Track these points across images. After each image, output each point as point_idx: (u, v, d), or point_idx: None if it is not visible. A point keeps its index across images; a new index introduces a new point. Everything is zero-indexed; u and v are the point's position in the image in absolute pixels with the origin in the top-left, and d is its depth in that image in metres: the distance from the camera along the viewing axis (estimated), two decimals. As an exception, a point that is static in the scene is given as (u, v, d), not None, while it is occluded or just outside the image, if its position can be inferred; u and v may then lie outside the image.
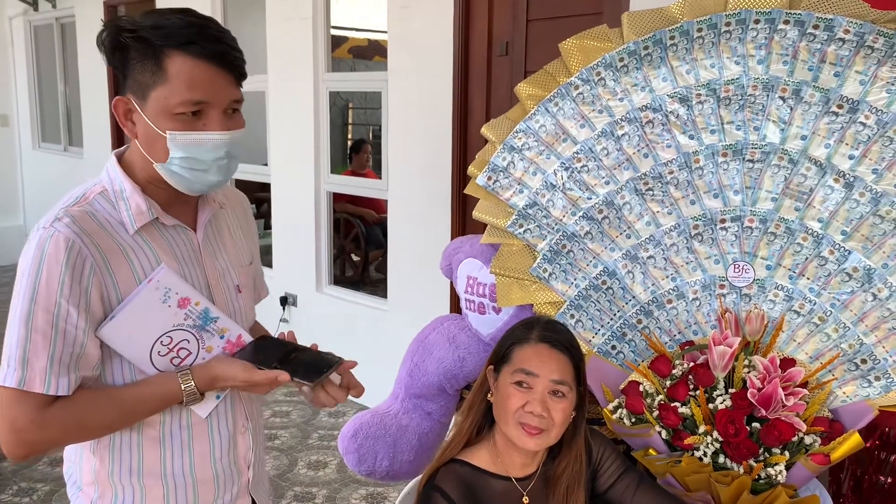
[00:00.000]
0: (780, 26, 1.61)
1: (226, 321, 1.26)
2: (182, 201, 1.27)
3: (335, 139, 4.48)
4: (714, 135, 1.67)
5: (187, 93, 1.13)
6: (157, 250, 1.21)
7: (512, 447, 1.39)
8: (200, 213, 1.30)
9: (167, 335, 1.20)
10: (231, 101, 1.18)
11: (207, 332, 1.24)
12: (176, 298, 1.19)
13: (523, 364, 1.37)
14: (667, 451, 1.53)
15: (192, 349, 1.23)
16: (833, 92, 1.57)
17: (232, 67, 1.17)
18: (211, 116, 1.16)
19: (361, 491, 3.19)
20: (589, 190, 1.74)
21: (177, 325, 1.20)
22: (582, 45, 1.78)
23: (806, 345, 1.60)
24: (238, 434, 1.33)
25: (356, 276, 5.67)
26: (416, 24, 3.52)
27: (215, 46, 1.14)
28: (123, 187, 1.20)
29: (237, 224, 1.40)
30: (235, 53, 1.18)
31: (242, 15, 4.88)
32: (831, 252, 1.57)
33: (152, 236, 1.21)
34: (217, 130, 1.16)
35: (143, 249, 1.20)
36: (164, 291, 1.18)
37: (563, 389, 1.35)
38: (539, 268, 1.76)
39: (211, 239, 1.31)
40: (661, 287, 1.70)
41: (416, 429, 1.99)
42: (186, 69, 1.13)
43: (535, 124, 1.80)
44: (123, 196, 1.20)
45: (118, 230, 1.18)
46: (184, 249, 1.25)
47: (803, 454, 1.47)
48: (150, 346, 1.19)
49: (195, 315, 1.22)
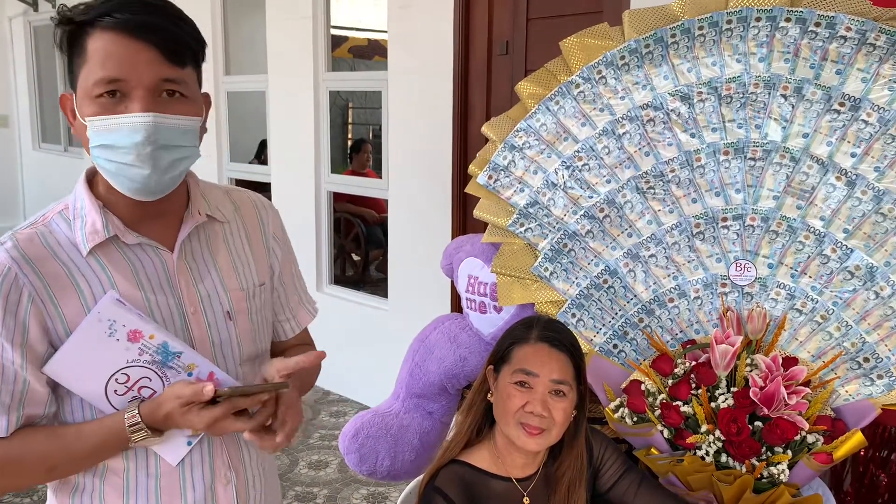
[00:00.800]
0: (782, 24, 1.61)
1: (192, 356, 1.08)
2: (153, 215, 1.10)
3: (335, 139, 4.48)
4: (715, 133, 1.67)
5: (100, 70, 0.98)
6: (113, 275, 1.05)
7: (512, 447, 1.38)
8: (183, 228, 1.12)
9: (122, 372, 1.05)
10: (159, 81, 1.00)
11: (171, 369, 1.07)
12: (124, 332, 1.04)
13: (523, 364, 1.36)
14: (669, 450, 1.53)
15: (155, 388, 1.07)
16: (835, 90, 1.57)
17: (156, 41, 0.99)
18: (133, 98, 0.99)
19: (363, 491, 3.19)
20: (590, 188, 1.74)
21: (132, 362, 1.05)
22: (583, 44, 1.77)
23: (808, 343, 1.60)
24: (218, 486, 1.15)
25: (357, 276, 5.67)
26: (417, 23, 3.51)
27: (133, 17, 0.98)
28: (83, 203, 1.07)
29: (246, 240, 1.21)
30: (162, 24, 1.00)
31: (242, 14, 4.88)
32: (833, 250, 1.57)
33: (110, 258, 1.06)
34: (139, 108, 0.99)
35: (95, 274, 1.05)
36: (109, 324, 1.03)
37: (563, 389, 1.35)
38: (540, 267, 1.75)
39: (196, 259, 1.13)
40: (662, 286, 1.69)
41: (418, 428, 1.99)
42: (101, 44, 0.98)
43: (535, 123, 1.79)
44: (81, 213, 1.07)
45: (71, 253, 1.05)
46: (151, 272, 1.09)
47: (806, 453, 1.47)
48: (104, 384, 1.05)
49: (152, 350, 1.05)
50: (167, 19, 1.01)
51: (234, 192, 1.24)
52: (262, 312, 1.21)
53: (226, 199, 1.21)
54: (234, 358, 1.16)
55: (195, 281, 1.12)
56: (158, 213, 1.10)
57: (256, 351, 1.21)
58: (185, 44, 1.02)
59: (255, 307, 1.19)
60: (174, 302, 1.09)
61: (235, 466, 1.18)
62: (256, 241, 1.22)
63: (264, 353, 1.24)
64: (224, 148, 4.88)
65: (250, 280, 1.19)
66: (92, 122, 1.00)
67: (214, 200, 1.19)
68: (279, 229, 1.27)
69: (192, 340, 1.10)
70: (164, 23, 1.00)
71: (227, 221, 1.19)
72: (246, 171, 4.93)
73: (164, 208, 1.10)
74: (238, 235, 1.20)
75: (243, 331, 1.17)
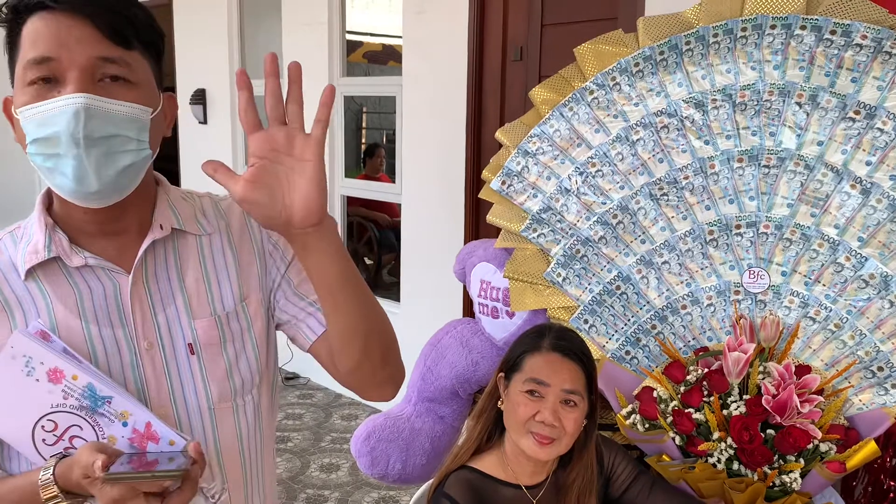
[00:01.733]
0: (797, 32, 1.61)
1: (125, 402, 0.91)
2: (111, 232, 0.95)
3: (349, 143, 4.50)
4: (729, 140, 1.67)
5: (31, 51, 0.85)
6: (52, 301, 0.92)
7: (522, 455, 1.38)
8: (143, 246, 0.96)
9: (48, 419, 0.90)
10: (95, 59, 0.85)
11: (103, 417, 0.91)
12: (43, 370, 0.89)
13: (534, 373, 1.36)
14: (680, 457, 1.53)
15: (88, 438, 0.91)
16: (850, 98, 1.57)
17: (91, 14, 0.85)
18: (67, 81, 0.85)
19: (374, 494, 3.19)
20: (603, 195, 1.74)
21: (57, 406, 0.90)
22: (597, 50, 1.78)
23: (821, 352, 1.59)
24: None
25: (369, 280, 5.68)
26: (431, 28, 3.53)
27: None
28: (33, 221, 0.96)
29: (230, 251, 1.03)
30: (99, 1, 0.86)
31: (259, 19, 4.91)
32: (847, 258, 1.56)
33: (52, 282, 0.93)
34: (71, 89, 0.84)
35: (33, 300, 0.92)
36: (25, 361, 0.89)
37: (574, 399, 1.34)
38: (553, 272, 1.76)
39: (159, 282, 0.97)
40: (675, 292, 1.69)
41: (429, 432, 2.00)
42: (32, 27, 0.86)
43: (549, 129, 1.80)
44: (29, 232, 0.95)
45: (10, 277, 0.93)
46: (99, 300, 0.94)
47: (818, 462, 1.46)
48: (30, 431, 0.91)
49: (77, 393, 0.90)
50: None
51: (224, 200, 1.08)
52: (243, 338, 1.02)
53: (212, 209, 1.05)
54: (200, 401, 0.98)
55: (154, 309, 0.96)
56: (117, 230, 0.96)
57: (233, 389, 1.01)
58: (128, 22, 0.88)
59: (231, 334, 1.00)
60: (123, 334, 0.95)
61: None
62: (246, 251, 1.04)
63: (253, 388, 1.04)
64: (239, 152, 4.91)
65: (229, 299, 1.00)
66: (23, 112, 0.86)
67: (192, 211, 1.03)
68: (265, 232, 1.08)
69: (143, 381, 0.95)
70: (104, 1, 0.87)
71: (205, 234, 1.02)
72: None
73: (122, 224, 0.96)
74: (220, 248, 1.02)
75: (212, 367, 0.99)
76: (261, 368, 1.05)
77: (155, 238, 0.97)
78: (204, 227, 1.02)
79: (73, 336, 0.93)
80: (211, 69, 4.96)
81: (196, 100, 5.04)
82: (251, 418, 1.05)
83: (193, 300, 0.98)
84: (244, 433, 1.04)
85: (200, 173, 0.89)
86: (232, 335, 1.00)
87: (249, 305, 1.03)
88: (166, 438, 0.91)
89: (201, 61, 5.04)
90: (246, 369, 1.03)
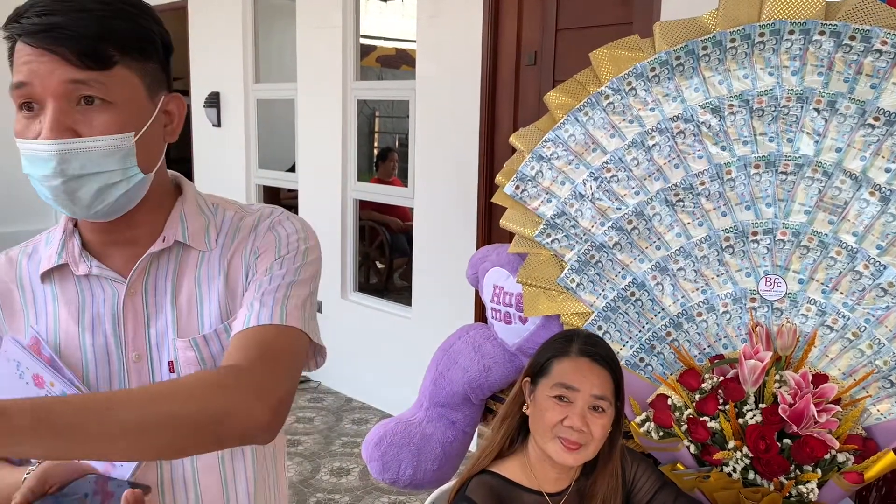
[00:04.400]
0: (816, 37, 1.59)
1: None
2: (121, 241, 0.96)
3: (362, 147, 4.50)
4: (746, 146, 1.65)
5: (16, 74, 0.86)
6: (60, 306, 0.95)
7: (546, 461, 1.37)
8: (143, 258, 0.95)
9: None
10: (66, 83, 0.84)
11: None
12: (29, 375, 0.93)
13: (563, 378, 1.35)
14: (695, 465, 1.51)
15: None
16: (869, 104, 1.55)
17: (59, 40, 0.83)
18: (45, 111, 0.85)
19: (384, 499, 3.18)
20: (618, 200, 1.73)
21: None
22: (613, 55, 1.77)
23: (839, 360, 1.57)
24: None
25: (381, 284, 5.68)
26: (445, 33, 3.53)
27: (28, 20, 0.84)
28: (61, 225, 0.99)
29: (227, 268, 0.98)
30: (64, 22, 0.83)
31: (273, 23, 4.93)
32: (866, 266, 1.55)
33: (63, 288, 0.96)
34: (46, 130, 0.84)
35: (46, 303, 0.96)
36: (16, 364, 0.94)
37: (603, 405, 1.33)
38: (567, 278, 1.75)
39: (157, 295, 0.96)
40: (690, 299, 1.68)
41: (440, 438, 1.99)
42: (18, 49, 0.86)
43: (564, 133, 1.79)
44: (55, 235, 0.99)
45: (34, 280, 0.98)
46: (100, 308, 0.95)
47: (836, 472, 1.44)
48: None
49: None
50: (76, 15, 0.84)
51: (249, 214, 1.02)
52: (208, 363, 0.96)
53: (230, 224, 1.01)
54: None
55: (147, 322, 0.95)
56: (127, 241, 0.95)
57: None
58: (102, 41, 0.84)
59: (210, 356, 0.96)
60: (115, 344, 0.94)
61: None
62: (236, 263, 0.98)
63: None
64: (253, 155, 4.93)
65: (215, 317, 0.96)
66: (18, 143, 0.87)
67: (202, 225, 0.99)
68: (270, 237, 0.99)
69: None
70: (70, 21, 0.83)
71: (208, 250, 0.98)
72: (274, 179, 4.98)
73: (133, 235, 0.95)
74: (217, 263, 0.98)
75: None
76: None
77: (153, 250, 0.95)
78: (209, 243, 0.99)
79: (71, 342, 0.94)
80: (225, 73, 4.98)
81: (210, 103, 5.07)
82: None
83: (182, 317, 0.96)
84: (228, 458, 1.00)
85: (214, 175, 0.87)
86: (212, 357, 0.96)
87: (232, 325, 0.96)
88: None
89: (216, 65, 5.07)
90: None
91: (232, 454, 1.00)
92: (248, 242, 0.99)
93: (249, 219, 1.01)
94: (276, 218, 1.02)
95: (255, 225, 1.00)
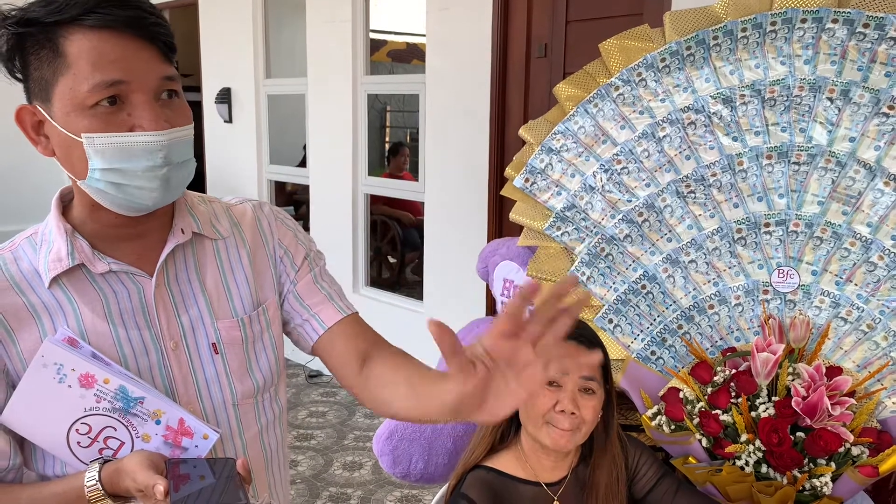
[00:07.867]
0: (829, 25, 1.57)
1: (157, 401, 0.94)
2: (132, 236, 0.97)
3: (373, 142, 4.50)
4: (758, 136, 1.63)
5: (97, 74, 0.85)
6: (80, 306, 0.94)
7: (540, 450, 1.37)
8: (164, 250, 0.99)
9: (81, 422, 0.93)
10: (160, 80, 0.89)
11: (136, 417, 0.94)
12: (74, 377, 0.91)
13: None
14: (707, 459, 1.50)
15: (123, 438, 0.94)
16: (884, 93, 1.53)
17: (152, 35, 0.87)
18: (136, 104, 0.87)
19: (396, 493, 3.19)
20: (629, 192, 1.72)
21: (90, 410, 0.92)
22: (622, 46, 1.75)
23: (853, 353, 1.56)
24: None
25: (392, 278, 5.69)
26: (455, 26, 3.52)
27: (122, 11, 0.85)
28: (51, 228, 0.96)
29: (247, 257, 1.06)
30: (153, 19, 0.88)
31: (283, 18, 4.93)
32: (881, 257, 1.53)
33: (78, 288, 0.94)
34: (148, 122, 0.87)
35: (60, 307, 0.93)
36: (56, 368, 0.90)
37: (592, 386, 1.34)
38: (577, 271, 1.74)
39: (180, 284, 1.00)
40: (702, 292, 1.66)
41: (451, 431, 1.99)
42: (89, 45, 0.85)
43: (574, 126, 1.78)
44: (49, 238, 0.95)
45: (34, 284, 0.94)
46: (125, 303, 0.96)
47: (850, 466, 1.43)
48: (65, 435, 0.93)
49: (110, 396, 0.92)
50: (148, 11, 0.88)
51: (234, 207, 1.10)
52: (263, 338, 1.06)
53: (224, 215, 1.08)
54: (225, 398, 1.02)
55: (177, 310, 0.99)
56: (138, 234, 0.97)
57: (256, 386, 1.05)
58: (168, 37, 0.90)
59: (252, 335, 1.04)
60: (150, 336, 0.97)
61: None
62: (261, 257, 1.07)
63: (272, 386, 1.08)
64: (264, 150, 4.94)
65: (248, 303, 1.04)
66: (91, 139, 0.86)
67: (207, 215, 1.05)
68: (285, 231, 1.11)
69: (171, 380, 0.98)
70: (153, 18, 0.88)
71: (220, 238, 1.04)
72: (285, 174, 4.99)
73: (145, 228, 0.97)
74: (236, 253, 1.05)
75: (235, 365, 1.02)
76: (279, 367, 1.10)
77: (177, 242, 0.99)
78: (219, 232, 1.05)
79: (103, 340, 0.95)
80: (236, 69, 4.99)
81: (221, 99, 5.08)
82: (270, 415, 1.09)
83: (214, 302, 1.01)
84: (265, 429, 1.08)
85: (225, 171, 0.90)
86: (253, 335, 1.04)
87: (269, 309, 1.07)
88: (200, 433, 0.95)
89: (226, 61, 5.08)
90: (266, 368, 1.07)
91: (268, 423, 1.08)
92: (266, 235, 1.08)
93: (238, 209, 1.10)
94: (267, 210, 1.11)
95: (257, 217, 1.09)
